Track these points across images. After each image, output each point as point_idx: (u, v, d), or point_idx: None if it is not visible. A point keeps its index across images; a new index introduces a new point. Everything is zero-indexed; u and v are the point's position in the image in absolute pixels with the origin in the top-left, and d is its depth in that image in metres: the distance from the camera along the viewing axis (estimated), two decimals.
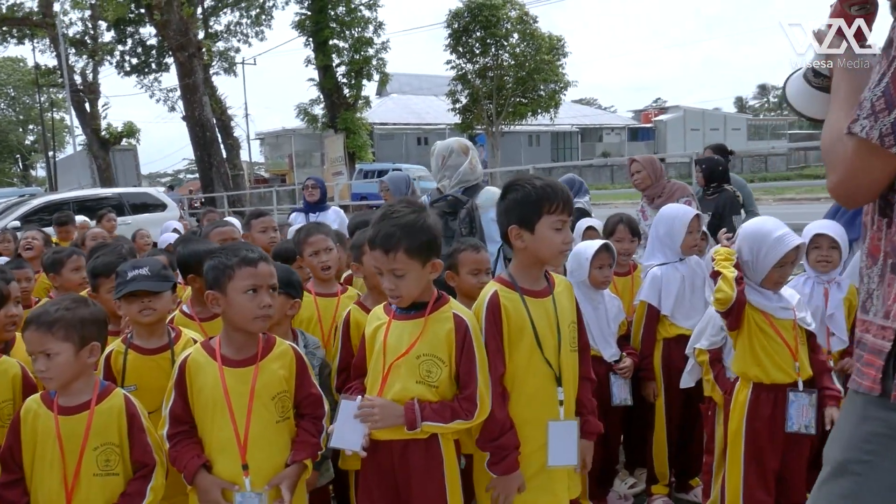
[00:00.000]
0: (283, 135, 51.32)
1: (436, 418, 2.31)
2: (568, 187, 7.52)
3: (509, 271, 2.52)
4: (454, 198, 3.99)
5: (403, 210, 2.35)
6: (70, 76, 31.81)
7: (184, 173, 77.58)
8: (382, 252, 2.30)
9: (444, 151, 4.18)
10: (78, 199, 14.76)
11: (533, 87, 33.33)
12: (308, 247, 3.56)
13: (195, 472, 2.33)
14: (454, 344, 2.35)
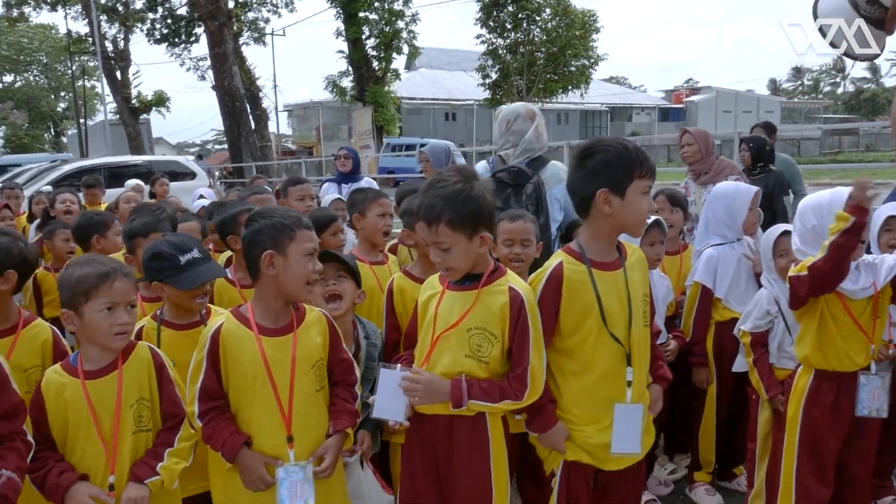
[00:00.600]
0: (311, 107, 51.27)
1: (483, 397, 2.20)
2: None
3: (578, 241, 2.37)
4: (518, 169, 3.73)
5: (450, 179, 2.22)
6: (101, 43, 31.89)
7: (212, 144, 78.02)
8: (425, 224, 2.20)
9: (509, 115, 3.93)
10: (108, 165, 14.85)
11: (564, 62, 32.87)
12: (378, 207, 3.49)
13: (238, 449, 2.23)
14: (508, 319, 2.24)
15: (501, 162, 3.90)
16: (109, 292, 2.17)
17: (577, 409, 2.34)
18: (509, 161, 3.85)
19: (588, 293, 2.28)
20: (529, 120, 3.86)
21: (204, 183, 14.79)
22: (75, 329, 2.19)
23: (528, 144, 3.83)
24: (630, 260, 2.38)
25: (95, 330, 2.17)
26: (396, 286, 2.99)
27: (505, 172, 3.72)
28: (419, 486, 2.35)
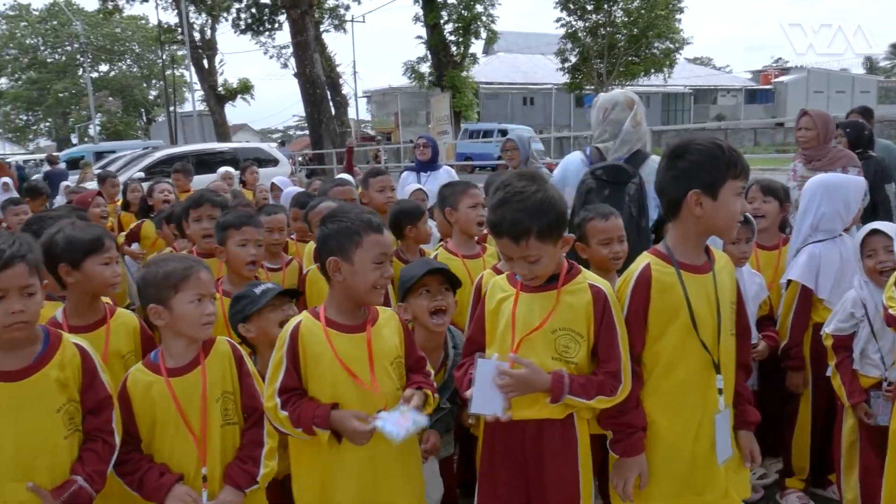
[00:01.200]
0: (390, 93, 51.67)
1: (580, 393, 2.15)
2: None
3: (666, 243, 2.28)
4: (619, 167, 3.55)
5: (525, 189, 2.13)
6: (189, 33, 32.94)
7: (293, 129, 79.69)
8: (511, 240, 2.12)
9: (606, 104, 3.73)
10: (196, 152, 15.33)
11: (646, 45, 32.03)
12: (469, 198, 3.48)
13: (328, 414, 2.20)
14: (593, 317, 2.19)
15: (598, 154, 3.71)
16: (198, 284, 2.25)
17: (659, 416, 2.26)
18: (608, 155, 3.65)
19: (677, 295, 2.19)
20: (628, 109, 3.65)
21: (286, 170, 15.13)
22: (164, 323, 2.25)
23: (626, 136, 3.62)
24: (718, 265, 2.29)
25: (186, 321, 2.23)
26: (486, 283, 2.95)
27: (603, 170, 3.56)
28: (501, 494, 2.31)
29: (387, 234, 2.32)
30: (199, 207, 3.80)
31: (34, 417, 2.04)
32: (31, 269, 2.00)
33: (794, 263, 3.39)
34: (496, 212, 2.15)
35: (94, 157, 23.61)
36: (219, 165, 14.18)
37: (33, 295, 2.01)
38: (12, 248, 1.96)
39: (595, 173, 3.56)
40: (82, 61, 52.26)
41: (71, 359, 2.11)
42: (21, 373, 2.04)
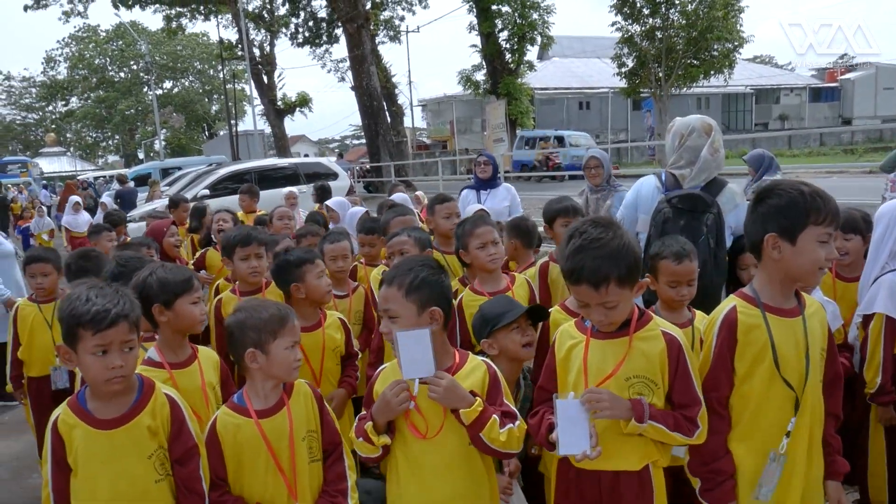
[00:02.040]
0: (445, 101, 51.91)
1: (662, 420, 2.16)
2: (755, 164, 6.94)
3: (753, 285, 2.27)
4: (696, 195, 3.51)
5: (602, 236, 2.14)
6: (249, 49, 33.75)
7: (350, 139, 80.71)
8: (591, 288, 2.12)
9: (682, 129, 3.67)
10: (258, 168, 15.68)
11: (706, 46, 31.35)
12: (475, 239, 3.46)
13: None
14: (667, 365, 2.19)
15: (674, 180, 3.66)
16: (293, 331, 2.38)
17: (749, 461, 2.24)
18: (684, 183, 3.61)
19: (762, 338, 2.18)
20: (706, 135, 3.60)
21: (345, 184, 15.34)
22: (258, 367, 2.34)
23: (704, 164, 3.58)
24: (809, 310, 2.25)
25: (280, 365, 2.34)
26: (553, 321, 2.98)
27: (680, 198, 3.51)
28: None
29: None
30: (247, 247, 3.84)
31: (128, 463, 2.15)
32: (132, 326, 2.13)
33: (874, 295, 3.26)
34: (573, 259, 2.15)
35: (161, 173, 24.44)
36: (280, 181, 14.65)
37: (132, 350, 2.13)
38: (117, 308, 2.09)
39: (671, 201, 3.55)
40: (147, 79, 54.05)
41: (161, 407, 2.22)
42: (117, 421, 2.16)
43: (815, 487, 2.27)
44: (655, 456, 2.23)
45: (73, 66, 62.89)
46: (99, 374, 2.08)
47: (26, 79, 66.06)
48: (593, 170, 6.21)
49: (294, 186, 13.24)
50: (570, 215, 3.93)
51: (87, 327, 2.05)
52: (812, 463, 2.24)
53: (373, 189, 26.40)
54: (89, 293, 2.10)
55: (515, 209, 6.50)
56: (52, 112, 68.01)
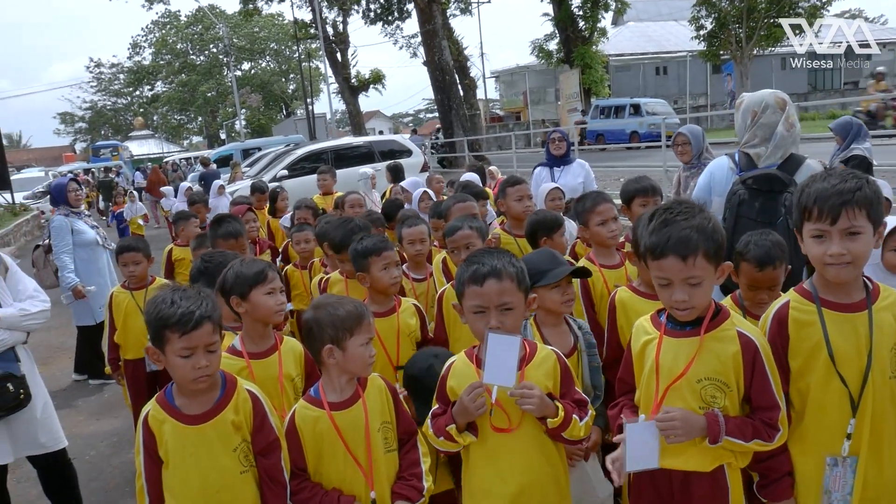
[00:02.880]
0: (518, 72, 51.33)
1: (737, 434, 2.11)
2: (842, 132, 6.59)
3: (812, 279, 2.19)
4: (772, 174, 3.37)
5: (688, 210, 2.11)
6: (323, 28, 34.16)
7: (423, 113, 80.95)
8: (678, 258, 2.05)
9: (754, 105, 3.55)
10: (334, 148, 15.94)
11: (789, 4, 29.88)
12: (596, 216, 3.54)
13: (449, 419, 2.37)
14: (742, 367, 2.12)
15: (748, 160, 3.55)
16: (369, 328, 2.46)
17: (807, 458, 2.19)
18: (759, 161, 3.49)
19: (816, 334, 2.11)
20: (780, 110, 3.48)
21: (419, 160, 15.46)
22: (335, 362, 2.43)
23: (779, 140, 3.45)
24: (882, 303, 2.12)
25: (356, 361, 2.42)
26: (619, 300, 2.98)
27: (755, 179, 3.40)
28: None
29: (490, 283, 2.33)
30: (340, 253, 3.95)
31: (215, 456, 2.28)
32: (215, 328, 2.24)
33: None
34: (659, 233, 2.08)
35: (242, 154, 25.15)
36: (356, 160, 14.88)
37: (215, 351, 2.26)
38: (201, 309, 2.21)
39: (746, 182, 3.42)
40: (226, 61, 55.48)
41: (244, 403, 2.34)
42: (203, 416, 2.29)
43: (887, 487, 2.15)
44: (729, 458, 2.18)
45: (157, 52, 65.19)
46: (187, 374, 2.20)
47: (114, 65, 68.94)
48: (681, 147, 6.01)
49: (369, 165, 13.51)
50: (648, 195, 3.87)
51: (174, 329, 2.16)
52: (883, 459, 2.13)
53: (447, 164, 26.46)
54: (174, 296, 2.21)
55: (590, 186, 6.41)
56: (139, 97, 70.73)
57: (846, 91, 46.61)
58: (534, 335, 2.80)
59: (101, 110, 71.43)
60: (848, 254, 2.00)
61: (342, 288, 3.89)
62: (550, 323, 2.87)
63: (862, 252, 2.02)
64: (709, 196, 3.81)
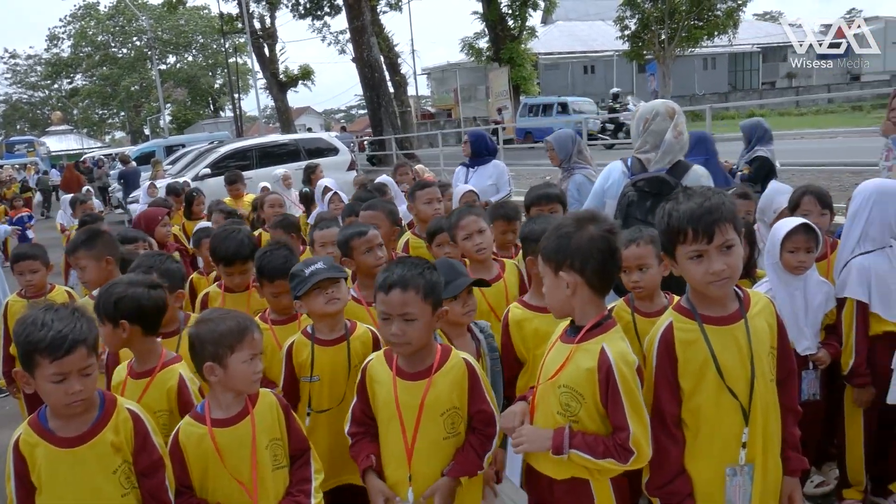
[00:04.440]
0: (449, 69, 51.50)
1: (585, 449, 2.11)
2: (748, 133, 6.82)
3: (688, 296, 2.24)
4: (660, 178, 3.59)
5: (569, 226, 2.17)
6: (250, 22, 33.50)
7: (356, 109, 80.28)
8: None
9: (646, 114, 3.76)
10: (259, 146, 15.65)
11: (709, 6, 30.83)
12: (461, 231, 3.47)
13: (364, 471, 2.46)
14: (597, 383, 2.12)
15: (640, 165, 3.74)
16: (252, 344, 2.37)
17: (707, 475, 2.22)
18: (649, 166, 3.68)
19: (703, 352, 2.15)
20: (669, 118, 3.67)
21: (346, 159, 15.30)
22: (216, 380, 2.36)
23: (668, 147, 3.65)
24: (753, 310, 2.20)
25: (239, 379, 2.34)
26: (512, 318, 2.94)
27: (646, 181, 3.58)
28: None
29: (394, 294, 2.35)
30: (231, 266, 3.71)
31: (93, 480, 2.18)
32: (90, 351, 2.12)
33: (844, 280, 3.28)
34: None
35: (165, 151, 24.44)
36: (282, 158, 14.65)
37: (90, 374, 2.13)
38: (74, 332, 2.06)
39: (637, 185, 3.60)
40: (150, 55, 53.82)
41: (124, 423, 2.24)
42: (79, 439, 2.17)
43: (774, 487, 2.26)
44: (582, 472, 2.19)
45: (76, 44, 62.68)
46: (59, 400, 2.09)
47: (31, 56, 66.11)
48: (549, 153, 6.01)
49: (295, 163, 13.31)
50: (543, 203, 3.94)
51: (44, 354, 2.03)
52: (769, 464, 2.22)
53: (376, 162, 26.32)
54: (45, 316, 2.08)
55: (502, 187, 6.44)
56: (57, 90, 68.06)
57: (764, 91, 48.33)
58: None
59: (16, 104, 68.48)
60: (727, 269, 2.05)
61: (221, 303, 3.72)
62: (455, 334, 2.87)
63: (737, 264, 2.08)
64: (602, 200, 3.93)
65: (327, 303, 2.83)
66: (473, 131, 7.36)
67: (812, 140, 19.29)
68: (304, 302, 2.85)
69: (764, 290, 3.23)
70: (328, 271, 2.85)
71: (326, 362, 2.85)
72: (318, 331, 2.90)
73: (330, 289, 2.83)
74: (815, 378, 3.33)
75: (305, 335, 2.89)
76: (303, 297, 2.83)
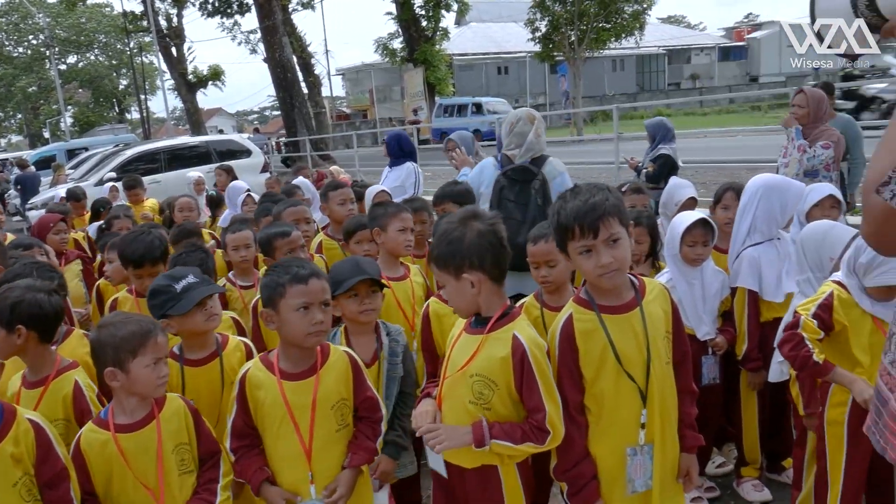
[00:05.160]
0: (364, 70, 51.29)
1: (505, 438, 2.20)
2: (653, 132, 7.23)
3: (587, 288, 2.34)
4: (525, 167, 4.39)
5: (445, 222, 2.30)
6: (155, 20, 32.45)
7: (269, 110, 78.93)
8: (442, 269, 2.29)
9: (512, 119, 4.55)
10: (167, 148, 15.24)
11: (616, 9, 31.77)
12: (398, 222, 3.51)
13: (259, 485, 2.42)
14: (511, 369, 2.22)
15: (508, 160, 4.49)
16: (156, 348, 2.32)
17: (612, 458, 2.32)
18: (515, 160, 4.45)
19: (601, 340, 2.26)
20: (530, 123, 4.46)
21: (259, 161, 15.05)
22: (118, 385, 2.31)
23: (529, 145, 4.44)
24: (649, 297, 2.32)
25: (142, 383, 2.30)
26: (433, 311, 3.02)
27: (513, 171, 4.42)
28: None
29: (314, 282, 2.38)
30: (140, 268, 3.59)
31: None
32: None
33: (737, 269, 3.48)
34: None
35: (67, 155, 23.42)
36: (193, 160, 14.29)
37: None
38: None
39: (506, 174, 4.44)
40: (49, 54, 51.34)
41: (25, 434, 2.17)
42: None
43: (671, 464, 2.38)
44: (494, 459, 2.27)
45: None
46: None
47: None
48: (451, 151, 6.21)
49: (207, 165, 13.01)
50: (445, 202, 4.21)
51: None
52: (666, 443, 2.34)
53: (291, 164, 25.97)
54: None
55: (409, 189, 6.51)
56: None
57: (670, 92, 50.20)
58: (341, 342, 2.84)
59: None
60: (615, 261, 2.16)
61: (133, 306, 3.61)
62: (358, 332, 2.89)
63: (625, 256, 2.19)
64: (478, 188, 4.66)
65: (208, 319, 2.74)
66: (389, 133, 7.40)
67: (715, 138, 20.13)
68: (176, 320, 2.70)
69: (665, 280, 3.40)
70: (206, 285, 2.79)
71: (199, 383, 2.74)
72: (188, 350, 2.79)
73: (208, 304, 2.75)
74: (714, 363, 3.51)
75: (172, 356, 2.74)
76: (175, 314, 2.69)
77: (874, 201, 1.33)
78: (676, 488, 2.41)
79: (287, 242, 3.63)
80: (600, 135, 22.68)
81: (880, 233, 1.38)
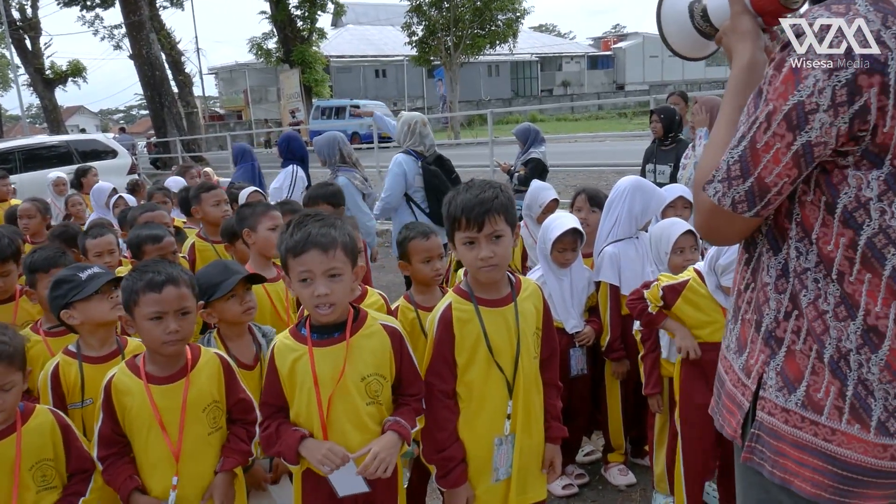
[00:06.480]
0: (238, 70, 49.84)
1: (412, 424, 2.30)
2: (522, 137, 7.63)
3: (467, 280, 2.44)
4: (440, 156, 5.59)
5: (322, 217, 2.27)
6: (7, 10, 30.26)
7: (136, 109, 75.28)
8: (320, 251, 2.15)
9: (410, 121, 5.50)
10: (24, 147, 14.27)
11: (490, 17, 32.56)
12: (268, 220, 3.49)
13: (129, 495, 2.32)
14: (392, 358, 2.31)
15: (417, 154, 5.43)
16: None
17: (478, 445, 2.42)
18: (425, 152, 5.46)
19: (475, 329, 2.36)
20: (424, 125, 5.53)
21: (126, 162, 14.34)
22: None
23: (430, 141, 5.53)
24: (523, 294, 2.44)
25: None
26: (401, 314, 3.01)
27: (432, 161, 5.47)
28: None
29: (169, 290, 2.28)
30: None
31: None
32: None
33: (599, 265, 3.70)
34: (299, 230, 2.18)
35: None
36: (52, 161, 13.44)
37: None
38: None
39: (429, 164, 5.43)
40: None
41: None
42: None
43: (534, 453, 2.50)
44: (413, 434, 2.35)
45: None
46: None
47: None
48: None
49: (67, 166, 12.25)
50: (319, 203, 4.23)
51: None
52: (528, 434, 2.46)
53: (161, 165, 24.91)
54: None
55: (285, 190, 6.45)
56: None
57: (543, 98, 51.90)
58: (218, 347, 2.76)
59: None
60: (495, 256, 2.26)
61: None
62: (234, 334, 2.84)
63: (505, 253, 2.29)
64: (404, 181, 5.34)
65: (113, 308, 2.61)
66: (282, 135, 7.29)
67: (584, 143, 21.03)
68: (80, 309, 2.58)
69: (536, 277, 3.56)
70: (110, 274, 2.68)
71: (100, 382, 2.52)
72: (87, 346, 2.64)
73: (114, 294, 2.62)
74: (582, 355, 3.70)
75: (69, 354, 2.62)
76: (78, 303, 2.57)
77: (702, 198, 1.49)
78: (538, 477, 2.53)
79: (157, 248, 3.49)
80: (476, 138, 23.17)
81: (708, 226, 1.53)
